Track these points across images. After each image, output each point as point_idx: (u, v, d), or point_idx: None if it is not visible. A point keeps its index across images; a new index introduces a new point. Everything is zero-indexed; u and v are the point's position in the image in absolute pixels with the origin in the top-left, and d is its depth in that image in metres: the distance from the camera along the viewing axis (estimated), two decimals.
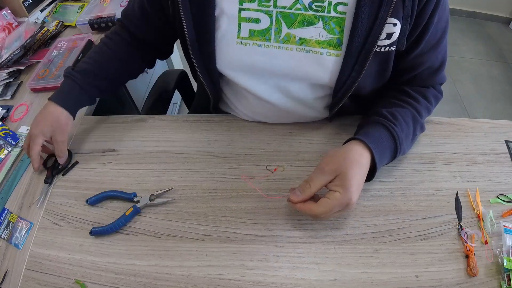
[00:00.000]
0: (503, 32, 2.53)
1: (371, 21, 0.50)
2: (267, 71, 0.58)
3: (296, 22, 0.53)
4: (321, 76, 0.57)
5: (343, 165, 0.49)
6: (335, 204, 0.47)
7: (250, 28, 0.55)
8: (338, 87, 0.57)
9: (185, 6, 0.54)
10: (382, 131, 0.55)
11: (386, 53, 0.54)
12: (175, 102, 1.72)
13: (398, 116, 0.57)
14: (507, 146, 0.65)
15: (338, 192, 0.48)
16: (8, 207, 0.62)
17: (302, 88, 0.60)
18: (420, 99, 0.61)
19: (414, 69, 0.59)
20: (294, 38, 0.54)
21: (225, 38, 0.56)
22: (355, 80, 0.55)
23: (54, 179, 0.65)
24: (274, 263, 0.52)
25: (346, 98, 0.59)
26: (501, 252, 0.51)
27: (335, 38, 0.53)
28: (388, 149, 0.55)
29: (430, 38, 0.55)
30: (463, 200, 0.57)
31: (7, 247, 0.57)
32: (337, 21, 0.52)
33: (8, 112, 0.80)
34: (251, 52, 0.56)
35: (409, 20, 0.51)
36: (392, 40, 0.52)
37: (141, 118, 0.74)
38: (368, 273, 0.50)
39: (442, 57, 0.59)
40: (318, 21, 0.52)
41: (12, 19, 1.03)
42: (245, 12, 0.54)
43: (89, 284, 0.51)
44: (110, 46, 0.70)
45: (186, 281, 0.51)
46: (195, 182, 0.62)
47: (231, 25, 0.55)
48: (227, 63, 0.59)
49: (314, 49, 0.54)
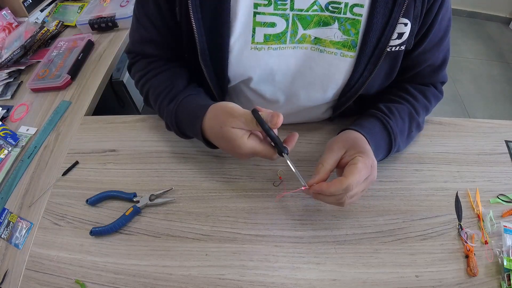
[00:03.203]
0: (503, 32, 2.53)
1: (384, 21, 0.50)
2: (279, 72, 0.57)
3: (312, 22, 0.52)
4: (333, 76, 0.56)
5: (349, 141, 0.50)
6: (361, 166, 0.45)
7: (265, 33, 0.52)
8: (347, 88, 0.57)
9: (196, 12, 0.50)
10: (376, 124, 0.56)
11: (396, 52, 0.54)
12: None
13: (394, 111, 0.57)
14: (507, 146, 0.65)
15: (359, 156, 0.47)
16: (8, 207, 0.62)
17: (312, 89, 0.59)
18: (419, 97, 0.61)
19: (416, 66, 0.59)
20: (310, 38, 0.54)
21: (238, 44, 0.53)
22: (365, 81, 0.55)
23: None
24: (274, 263, 0.52)
25: (353, 99, 0.58)
26: (501, 252, 0.51)
27: (350, 40, 0.52)
28: (383, 141, 0.55)
29: (433, 36, 0.55)
30: (463, 200, 0.57)
31: (7, 247, 0.57)
32: (353, 22, 0.51)
33: (8, 112, 0.80)
34: (265, 56, 0.55)
35: (418, 19, 0.51)
36: (402, 40, 0.52)
37: (141, 118, 0.74)
38: (368, 273, 0.50)
39: (444, 55, 0.60)
40: (334, 22, 0.52)
41: (12, 19, 1.03)
42: (260, 16, 0.51)
43: (89, 284, 0.51)
44: (159, 71, 0.62)
45: (186, 281, 0.51)
46: (195, 182, 0.62)
47: (245, 31, 0.52)
48: (239, 70, 0.56)
49: (328, 49, 0.54)
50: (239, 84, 0.62)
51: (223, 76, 0.57)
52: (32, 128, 0.75)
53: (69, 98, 0.81)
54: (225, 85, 0.60)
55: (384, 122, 0.56)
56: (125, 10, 1.00)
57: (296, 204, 0.58)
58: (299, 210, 0.57)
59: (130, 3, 1.02)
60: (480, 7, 2.58)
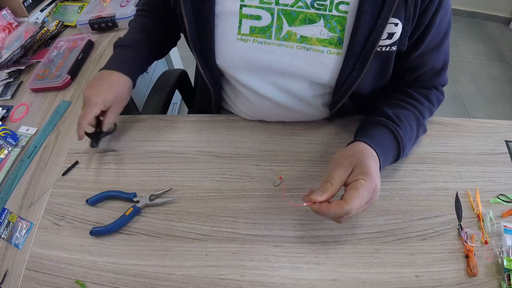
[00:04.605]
0: (503, 32, 2.53)
1: (373, 20, 0.50)
2: (266, 68, 0.58)
3: (298, 20, 0.53)
4: (321, 74, 0.57)
5: (357, 156, 0.49)
6: (363, 191, 0.45)
7: (251, 25, 0.55)
8: (338, 86, 0.57)
9: (186, 2, 0.54)
10: (387, 134, 0.55)
11: (387, 53, 0.54)
12: (175, 102, 1.72)
13: (403, 119, 0.57)
14: (507, 146, 0.65)
15: (362, 179, 0.46)
16: (8, 207, 0.62)
17: (301, 86, 0.60)
18: (424, 101, 0.61)
19: (416, 70, 0.59)
20: (295, 36, 0.54)
21: (225, 35, 0.56)
22: (355, 80, 0.55)
23: (100, 142, 0.65)
24: (274, 263, 0.52)
25: (346, 97, 0.58)
26: (501, 252, 0.51)
27: (336, 37, 0.53)
28: (392, 152, 0.55)
29: (432, 39, 0.55)
30: (463, 200, 0.57)
31: (7, 247, 0.57)
32: (339, 19, 0.52)
33: (8, 112, 0.80)
34: (251, 49, 0.57)
35: (411, 20, 0.51)
36: (393, 40, 0.52)
37: (141, 118, 0.74)
38: (368, 273, 0.50)
39: (444, 59, 0.59)
40: (319, 19, 0.52)
41: (12, 19, 1.03)
42: (246, 8, 0.54)
43: (89, 284, 0.51)
44: (147, 15, 0.72)
45: (186, 281, 0.51)
46: (195, 182, 0.62)
47: (231, 22, 0.55)
48: (227, 59, 0.59)
49: (314, 47, 0.54)
50: (231, 79, 0.63)
51: (212, 64, 0.60)
52: (32, 128, 0.75)
53: (69, 98, 0.81)
54: (217, 74, 0.63)
55: (395, 132, 0.55)
56: (125, 10, 1.00)
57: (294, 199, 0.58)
58: (299, 210, 0.57)
59: (130, 3, 1.02)
60: (480, 7, 2.58)
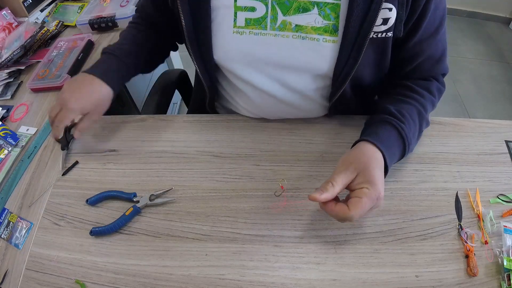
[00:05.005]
0: (503, 32, 2.53)
1: (366, 6, 0.50)
2: (264, 60, 0.59)
3: (292, 9, 0.54)
4: (318, 63, 0.57)
5: (362, 161, 0.49)
6: (366, 200, 0.45)
7: (246, 17, 0.55)
8: (336, 75, 0.57)
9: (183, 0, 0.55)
10: (392, 132, 0.55)
11: (383, 39, 0.54)
12: (175, 102, 1.72)
13: (406, 114, 0.57)
14: (507, 146, 0.65)
15: (366, 188, 0.46)
16: (8, 207, 0.62)
17: (300, 79, 0.60)
18: (425, 94, 0.61)
19: (414, 58, 0.59)
20: (290, 25, 0.55)
21: (222, 28, 0.57)
22: (352, 67, 0.55)
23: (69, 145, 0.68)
24: (274, 263, 0.52)
25: (345, 85, 0.58)
26: (501, 252, 0.51)
27: (331, 24, 0.53)
28: (398, 150, 0.55)
29: (428, 25, 0.55)
30: (463, 200, 0.57)
31: (7, 247, 0.57)
32: (332, 7, 0.52)
33: (8, 112, 0.80)
34: (248, 41, 0.57)
35: (405, 6, 0.51)
36: (388, 26, 0.52)
37: (141, 118, 0.74)
38: (368, 273, 0.50)
39: (442, 46, 0.59)
40: (313, 8, 0.53)
41: (12, 19, 1.03)
42: (241, 0, 0.55)
43: (89, 284, 0.51)
44: (139, 29, 0.73)
45: (186, 281, 0.51)
46: (195, 182, 0.62)
47: (227, 15, 0.56)
48: (224, 53, 0.59)
49: (310, 35, 0.54)
50: (229, 74, 0.63)
51: (209, 60, 0.60)
52: (32, 128, 0.75)
53: None
54: (212, 70, 0.63)
55: (399, 129, 0.55)
56: (125, 10, 1.00)
57: (296, 204, 0.58)
58: (299, 210, 0.57)
59: (130, 3, 1.02)
60: (480, 7, 2.58)
